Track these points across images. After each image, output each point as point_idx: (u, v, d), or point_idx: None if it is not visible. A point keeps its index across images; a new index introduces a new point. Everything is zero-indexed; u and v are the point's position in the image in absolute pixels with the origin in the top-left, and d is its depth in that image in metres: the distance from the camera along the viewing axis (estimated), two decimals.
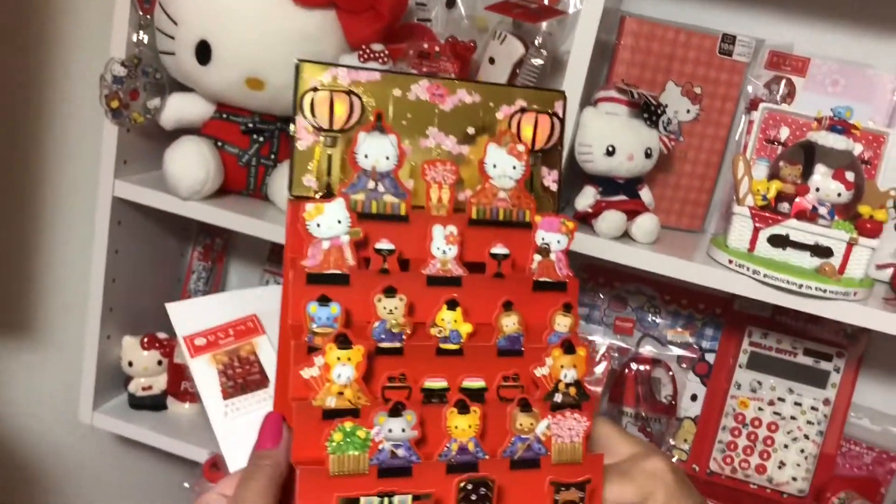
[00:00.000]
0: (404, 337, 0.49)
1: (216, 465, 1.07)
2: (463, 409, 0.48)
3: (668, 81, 1.00)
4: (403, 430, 0.46)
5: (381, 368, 0.48)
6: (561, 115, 0.57)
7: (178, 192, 1.01)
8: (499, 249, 0.53)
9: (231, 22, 0.95)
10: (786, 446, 1.06)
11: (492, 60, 1.01)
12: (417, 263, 0.51)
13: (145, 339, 1.15)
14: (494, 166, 0.53)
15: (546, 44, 0.99)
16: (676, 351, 1.12)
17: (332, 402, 0.46)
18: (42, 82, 1.24)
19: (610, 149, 0.92)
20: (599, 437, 0.56)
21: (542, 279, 0.54)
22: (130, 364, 1.15)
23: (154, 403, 1.18)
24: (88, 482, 1.43)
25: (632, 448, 0.56)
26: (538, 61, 0.99)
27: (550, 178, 0.58)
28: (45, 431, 1.39)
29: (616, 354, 1.13)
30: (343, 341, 0.46)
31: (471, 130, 0.55)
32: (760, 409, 1.07)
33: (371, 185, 0.51)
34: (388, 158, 0.51)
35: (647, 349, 1.13)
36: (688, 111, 1.01)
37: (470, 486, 0.46)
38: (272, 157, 1.06)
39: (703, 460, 1.09)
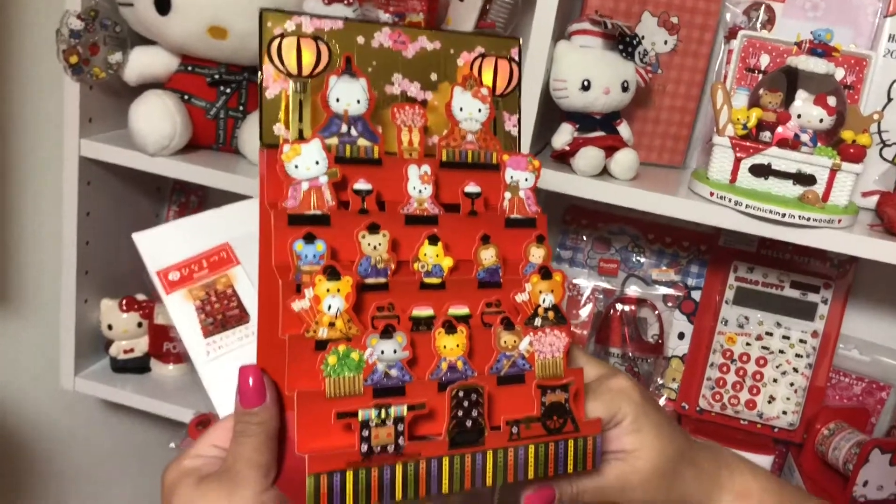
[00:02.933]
0: (389, 272, 0.50)
1: (201, 424, 1.06)
2: (450, 329, 0.50)
3: (644, 12, 0.97)
4: (395, 351, 0.48)
5: (369, 303, 0.49)
6: (517, 60, 0.58)
7: (145, 149, 0.98)
8: (472, 188, 0.55)
9: None
10: (775, 380, 1.05)
11: None
12: (393, 206, 0.52)
13: (124, 302, 1.13)
14: (461, 109, 0.55)
15: None
16: (662, 290, 1.11)
17: (323, 333, 0.47)
18: None
19: (585, 83, 0.89)
20: None
21: (513, 216, 0.56)
22: (110, 327, 1.14)
23: (137, 366, 1.17)
24: (76, 448, 1.43)
25: (597, 370, 0.59)
26: None
27: (511, 123, 0.60)
28: (29, 400, 1.38)
29: (601, 296, 1.11)
30: (332, 273, 0.47)
31: (433, 76, 0.56)
32: (748, 344, 1.06)
33: (344, 128, 0.51)
34: (359, 102, 0.52)
35: (633, 289, 1.12)
36: (665, 42, 0.99)
37: (462, 394, 0.49)
38: (241, 108, 1.03)
39: (692, 398, 1.09)
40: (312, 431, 0.46)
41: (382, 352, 0.47)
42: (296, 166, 0.49)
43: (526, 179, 0.57)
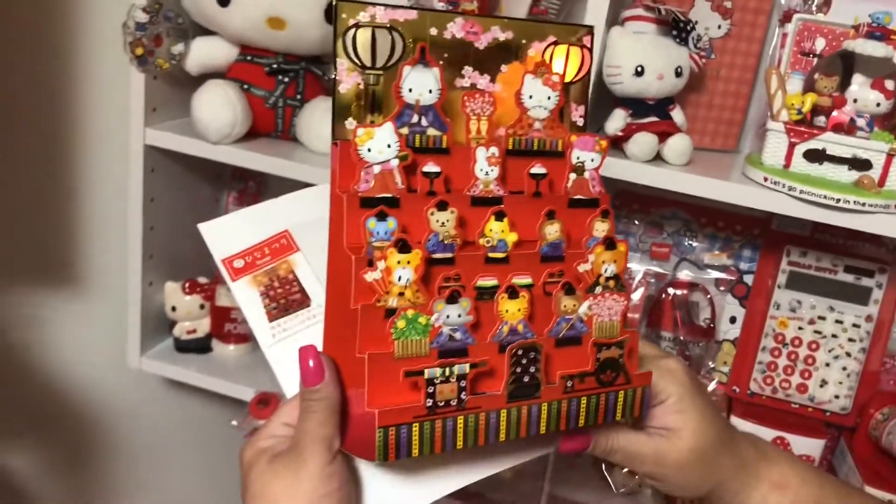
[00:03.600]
0: (455, 247, 0.53)
1: (262, 403, 1.10)
2: (512, 294, 0.52)
3: None
4: (459, 316, 0.51)
5: (436, 276, 0.52)
6: (590, 48, 0.59)
7: (207, 137, 1.02)
8: (537, 169, 0.56)
9: None
10: (827, 365, 1.05)
11: None
12: (459, 191, 0.55)
13: (187, 284, 1.18)
14: (531, 97, 0.56)
15: None
16: (714, 274, 1.11)
17: (394, 303, 0.50)
18: (65, 33, 1.25)
19: (639, 69, 0.90)
20: None
21: (576, 197, 0.57)
22: (174, 309, 1.18)
23: (199, 346, 1.21)
24: (140, 424, 1.48)
25: (650, 350, 0.61)
26: None
27: (578, 114, 0.61)
28: (97, 377, 1.43)
29: (653, 280, 1.12)
30: (403, 246, 0.50)
31: (503, 69, 0.57)
32: (800, 328, 1.06)
33: (415, 118, 0.53)
34: (430, 92, 0.53)
35: (685, 273, 1.12)
36: (718, 27, 0.98)
37: (521, 352, 0.51)
38: (298, 97, 1.06)
39: (743, 382, 1.09)
40: (382, 390, 0.50)
41: (448, 316, 0.50)
42: (368, 150, 0.51)
43: (592, 160, 0.58)
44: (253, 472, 0.55)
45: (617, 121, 0.92)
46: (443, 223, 0.52)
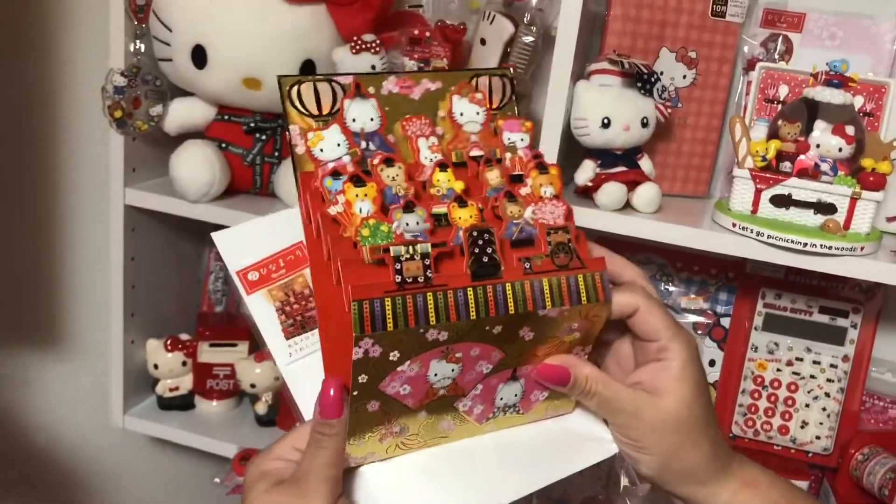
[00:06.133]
0: (409, 196, 0.56)
1: (245, 459, 1.10)
2: (462, 203, 0.56)
3: (662, 48, 0.99)
4: (418, 223, 0.54)
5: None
6: (511, 81, 0.66)
7: (186, 196, 1.03)
8: (476, 152, 0.62)
9: (223, 25, 0.97)
10: (807, 405, 1.06)
11: (483, 41, 1.01)
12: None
13: (168, 342, 1.18)
14: (461, 114, 0.62)
15: (536, 21, 0.99)
16: (691, 318, 1.12)
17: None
18: (46, 97, 1.27)
19: (605, 121, 0.92)
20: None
21: (516, 172, 0.62)
22: (156, 366, 1.18)
23: (182, 403, 1.21)
24: (125, 483, 1.47)
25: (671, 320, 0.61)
26: (529, 39, 0.99)
27: (509, 132, 0.64)
28: (80, 436, 1.43)
29: None
30: (357, 180, 0.54)
31: (441, 113, 0.63)
32: (779, 370, 1.06)
33: (363, 144, 0.59)
34: (372, 120, 0.59)
35: None
36: (684, 76, 1.01)
37: (476, 233, 0.54)
38: (276, 154, 1.08)
39: (724, 425, 1.09)
40: (358, 291, 0.52)
41: (407, 224, 0.53)
42: (321, 150, 0.56)
43: (521, 139, 0.63)
44: (252, 494, 0.54)
45: (586, 171, 0.94)
46: (393, 177, 0.56)
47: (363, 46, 0.96)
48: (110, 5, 1.01)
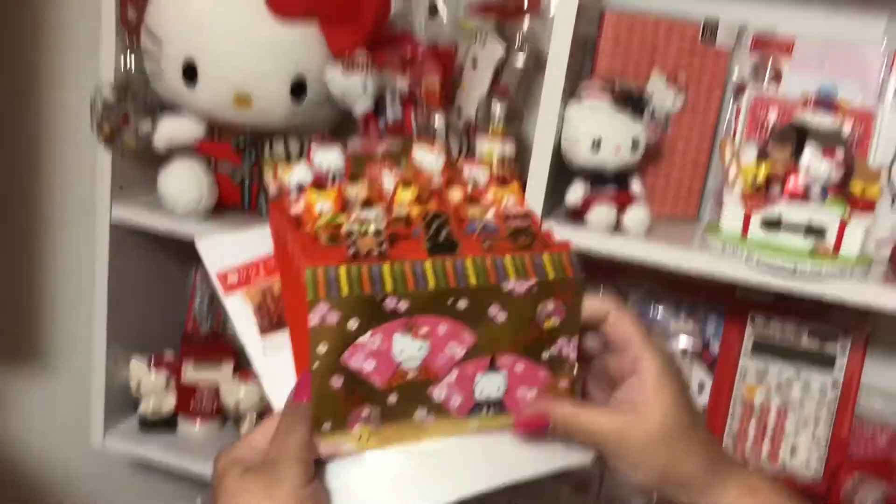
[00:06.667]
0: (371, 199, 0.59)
1: None
2: (423, 202, 0.58)
3: (653, 72, 1.00)
4: (376, 216, 0.54)
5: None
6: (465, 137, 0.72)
7: (174, 213, 1.02)
8: (437, 180, 0.63)
9: (214, 40, 0.97)
10: (797, 432, 1.05)
11: (474, 64, 1.02)
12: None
13: (152, 361, 1.16)
14: (422, 160, 0.64)
15: (527, 43, 0.99)
16: (681, 342, 1.12)
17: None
18: (34, 112, 1.26)
19: (596, 142, 0.92)
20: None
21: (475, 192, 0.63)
22: (139, 386, 1.16)
23: (164, 424, 1.19)
24: None
25: (641, 330, 0.60)
26: (521, 61, 0.99)
27: (468, 171, 0.66)
28: (59, 457, 1.40)
29: None
30: (319, 186, 0.57)
31: (402, 162, 0.66)
32: (768, 395, 1.06)
33: (330, 179, 0.61)
34: (337, 161, 0.62)
35: None
36: (674, 100, 1.01)
37: (430, 217, 0.56)
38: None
39: None
40: (312, 261, 0.52)
41: (366, 216, 0.54)
42: (290, 178, 0.59)
43: (482, 173, 0.64)
44: (223, 483, 0.52)
45: (577, 192, 0.94)
46: (357, 192, 0.58)
47: (353, 65, 0.96)
48: (101, 20, 1.00)
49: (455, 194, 0.61)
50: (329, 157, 0.62)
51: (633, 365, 0.58)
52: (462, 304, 0.53)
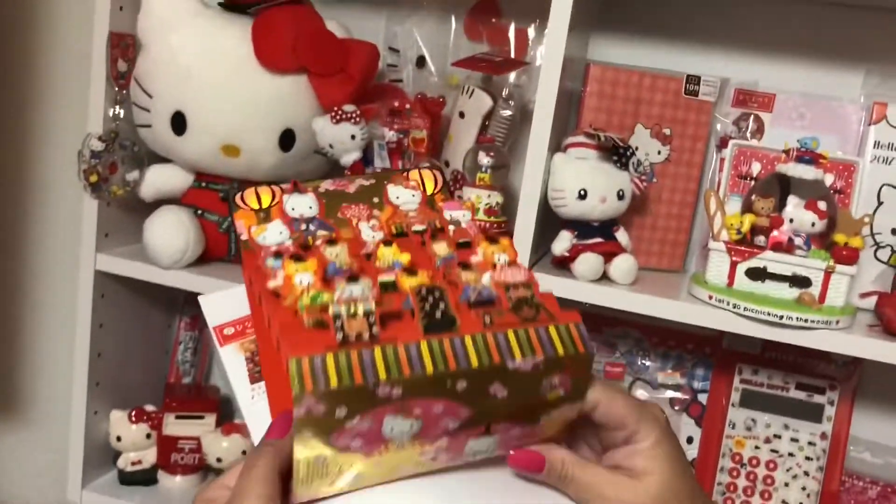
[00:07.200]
0: (354, 269, 0.53)
1: None
2: (411, 272, 0.52)
3: (637, 124, 1.01)
4: (363, 291, 0.50)
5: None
6: (442, 173, 0.66)
7: (159, 263, 1.02)
8: (418, 227, 0.60)
9: (204, 92, 0.98)
10: (786, 484, 1.04)
11: (462, 115, 1.03)
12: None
13: (133, 413, 1.14)
14: (397, 198, 0.62)
15: (514, 95, 1.01)
16: (669, 393, 1.11)
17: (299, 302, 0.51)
18: (21, 160, 1.26)
19: (582, 192, 0.92)
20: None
21: (461, 240, 0.58)
22: (119, 439, 1.14)
23: (144, 478, 1.16)
24: None
25: (634, 398, 0.57)
26: (507, 113, 1.00)
27: (448, 209, 0.64)
28: None
29: None
30: (298, 258, 0.52)
31: (375, 199, 0.64)
32: (757, 447, 1.05)
33: (303, 227, 0.59)
34: (311, 208, 0.60)
35: (639, 393, 1.12)
36: (659, 152, 1.03)
37: (425, 291, 0.51)
38: None
39: None
40: (296, 348, 0.48)
41: (351, 292, 0.50)
42: (264, 238, 0.56)
43: (464, 216, 0.60)
44: None
45: (563, 242, 0.94)
46: (336, 254, 0.54)
47: (343, 116, 0.97)
48: (91, 70, 1.01)
49: (440, 247, 0.57)
50: (302, 203, 0.61)
51: (629, 438, 0.56)
52: (461, 384, 0.49)
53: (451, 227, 0.60)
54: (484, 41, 1.09)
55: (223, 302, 0.65)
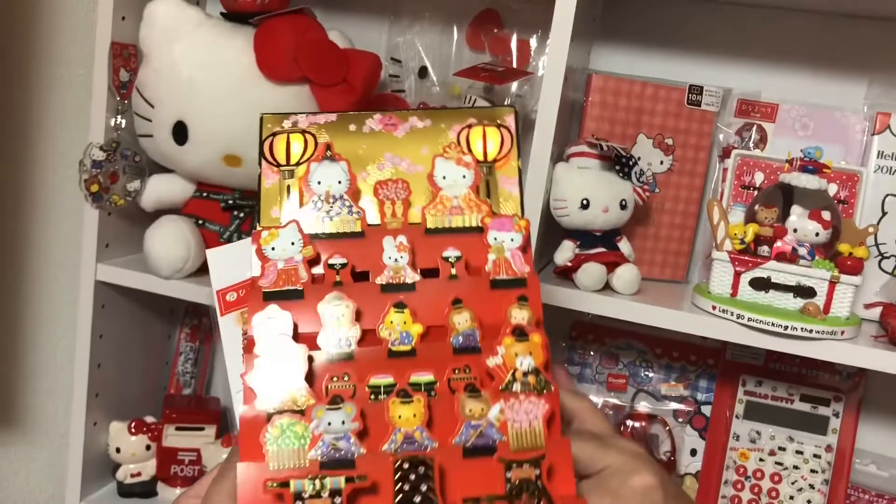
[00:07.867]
0: (354, 341, 0.49)
1: None
2: (406, 398, 0.47)
3: (639, 134, 1.01)
4: (343, 423, 0.46)
5: (333, 374, 0.49)
6: (511, 127, 0.59)
7: (159, 272, 1.01)
8: (450, 252, 0.53)
9: (206, 101, 0.97)
10: (791, 498, 1.03)
11: None
12: (375, 276, 0.53)
13: (133, 425, 1.13)
14: (444, 177, 0.55)
15: (516, 105, 1.01)
16: (672, 405, 1.10)
17: (272, 407, 0.47)
18: (21, 169, 1.26)
19: (584, 202, 0.92)
20: (581, 452, 0.51)
21: (498, 277, 0.53)
22: (118, 450, 1.13)
23: (144, 490, 1.15)
24: None
25: (619, 459, 0.52)
26: None
27: (510, 184, 0.58)
28: None
29: (611, 412, 1.10)
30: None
31: (424, 151, 0.57)
32: (761, 459, 1.04)
33: (326, 207, 0.54)
34: (339, 182, 0.55)
35: (643, 405, 1.11)
36: (661, 162, 1.02)
37: (406, 466, 0.45)
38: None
39: None
40: None
41: (329, 423, 0.45)
42: (272, 248, 0.52)
43: (512, 240, 0.54)
44: None
45: (566, 252, 0.94)
46: (338, 318, 0.50)
47: None
48: (93, 80, 1.01)
49: (461, 319, 0.51)
50: (330, 175, 0.55)
51: (604, 458, 0.52)
52: None
53: (491, 257, 0.53)
54: (486, 51, 1.09)
55: (230, 258, 0.63)
